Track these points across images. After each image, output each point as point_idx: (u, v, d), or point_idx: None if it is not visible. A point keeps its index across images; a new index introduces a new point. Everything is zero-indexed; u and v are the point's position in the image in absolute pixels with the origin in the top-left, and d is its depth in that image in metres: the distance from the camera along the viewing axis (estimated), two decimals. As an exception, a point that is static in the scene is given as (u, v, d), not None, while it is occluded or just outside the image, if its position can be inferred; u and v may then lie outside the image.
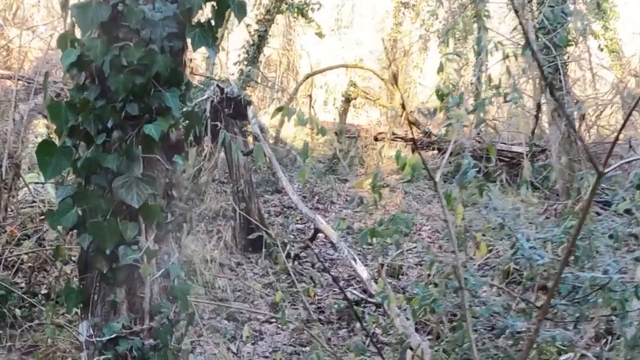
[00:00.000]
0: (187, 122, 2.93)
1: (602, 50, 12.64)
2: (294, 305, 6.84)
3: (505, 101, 4.14)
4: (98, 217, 2.71)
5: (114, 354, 2.66)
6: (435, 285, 5.40)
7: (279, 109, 3.26)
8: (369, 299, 6.77)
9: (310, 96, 11.41)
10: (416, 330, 5.14)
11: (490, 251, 4.40)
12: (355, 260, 6.87)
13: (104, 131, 2.80)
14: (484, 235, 4.08)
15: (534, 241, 3.49)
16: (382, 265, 5.63)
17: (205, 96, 7.05)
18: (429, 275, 4.94)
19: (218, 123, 7.25)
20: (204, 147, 7.58)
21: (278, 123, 11.01)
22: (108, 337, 2.68)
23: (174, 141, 2.86)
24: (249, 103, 7.49)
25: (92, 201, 2.73)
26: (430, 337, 5.34)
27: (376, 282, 5.52)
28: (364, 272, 6.80)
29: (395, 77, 10.22)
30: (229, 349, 6.05)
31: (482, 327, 4.35)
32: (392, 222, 3.32)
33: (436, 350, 4.41)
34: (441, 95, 3.64)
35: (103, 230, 2.69)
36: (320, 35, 10.96)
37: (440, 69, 3.68)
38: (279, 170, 7.52)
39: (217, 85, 7.29)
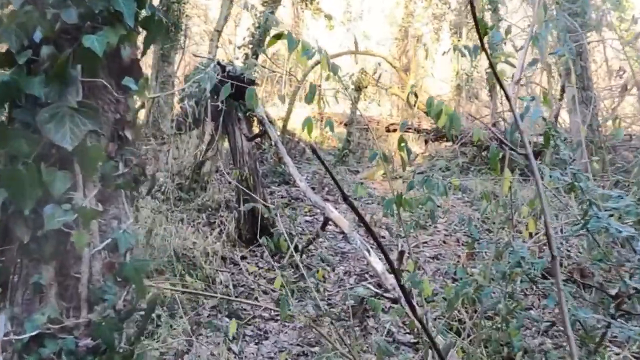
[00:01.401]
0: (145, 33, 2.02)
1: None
2: (302, 301, 5.96)
3: (553, 53, 3.22)
4: (17, 164, 1.82)
5: (37, 358, 1.76)
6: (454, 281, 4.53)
7: (277, 36, 2.36)
8: (384, 295, 5.95)
9: (319, 86, 10.54)
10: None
11: (531, 235, 3.45)
12: (369, 251, 5.99)
13: (29, 47, 1.91)
14: (531, 210, 3.16)
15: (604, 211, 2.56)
16: (403, 253, 4.69)
17: (205, 75, 6.16)
18: (456, 263, 4.02)
19: (219, 104, 6.38)
20: (204, 132, 6.70)
21: (285, 114, 10.14)
22: (30, 335, 1.77)
23: (127, 61, 1.95)
24: (253, 82, 6.59)
25: (10, 142, 1.84)
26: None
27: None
28: (378, 265, 5.93)
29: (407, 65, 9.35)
30: (229, 349, 5.19)
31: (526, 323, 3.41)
32: (425, 185, 2.40)
33: (463, 350, 3.49)
34: (484, 28, 2.73)
35: (22, 182, 1.78)
36: (329, 18, 10.06)
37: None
38: (285, 155, 6.60)
39: (218, 63, 6.39)
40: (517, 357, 3.11)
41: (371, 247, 6.34)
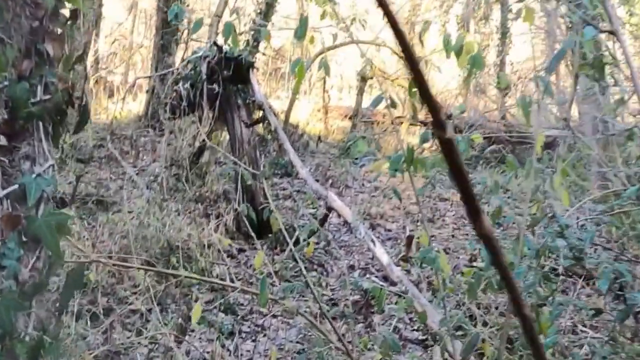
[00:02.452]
0: None
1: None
2: (304, 296, 5.45)
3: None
4: None
5: None
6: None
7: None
8: (391, 289, 5.43)
9: (324, 80, 10.07)
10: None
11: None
12: (374, 242, 5.45)
13: None
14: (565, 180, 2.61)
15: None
16: (412, 238, 4.15)
17: (200, 54, 5.67)
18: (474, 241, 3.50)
19: (216, 86, 5.87)
20: (201, 118, 6.19)
21: (287, 107, 9.65)
22: None
23: (47, -50, 1.42)
24: (251, 65, 6.08)
25: None
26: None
27: (405, 261, 4.05)
28: (383, 257, 5.40)
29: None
30: (223, 345, 4.69)
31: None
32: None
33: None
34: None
35: None
36: (333, 3, 9.58)
37: None
38: (286, 141, 6.10)
39: (214, 43, 5.89)
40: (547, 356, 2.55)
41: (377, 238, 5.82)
